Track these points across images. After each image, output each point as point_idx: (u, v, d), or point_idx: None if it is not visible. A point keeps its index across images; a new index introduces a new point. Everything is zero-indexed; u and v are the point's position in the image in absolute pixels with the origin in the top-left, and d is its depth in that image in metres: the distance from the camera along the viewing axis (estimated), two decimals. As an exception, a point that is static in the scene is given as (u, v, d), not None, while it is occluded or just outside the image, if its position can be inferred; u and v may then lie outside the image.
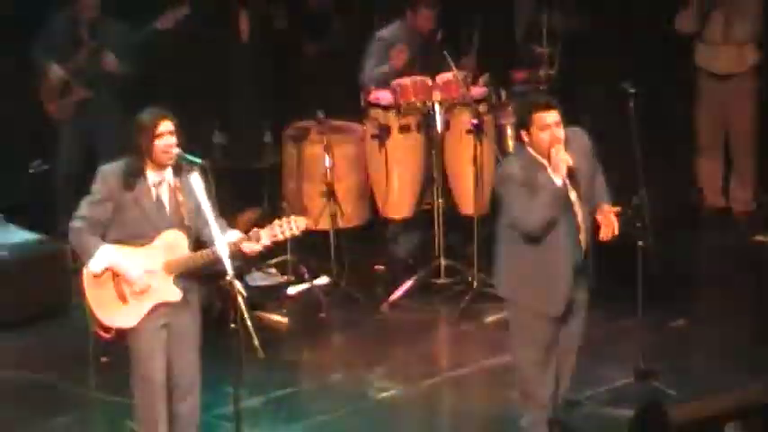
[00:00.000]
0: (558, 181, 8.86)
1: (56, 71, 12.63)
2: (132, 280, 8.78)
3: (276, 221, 8.88)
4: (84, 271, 8.87)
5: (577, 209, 9.02)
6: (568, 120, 9.06)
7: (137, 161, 8.84)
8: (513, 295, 9.36)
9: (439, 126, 12.12)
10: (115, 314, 8.89)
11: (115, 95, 12.50)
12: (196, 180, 8.79)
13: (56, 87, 12.67)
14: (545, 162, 8.91)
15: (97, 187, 8.87)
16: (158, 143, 8.76)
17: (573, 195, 8.99)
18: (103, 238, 8.79)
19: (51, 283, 11.65)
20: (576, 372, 9.53)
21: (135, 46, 12.55)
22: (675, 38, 12.82)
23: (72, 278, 10.38)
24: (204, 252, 8.73)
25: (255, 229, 8.85)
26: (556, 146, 8.86)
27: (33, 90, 12.80)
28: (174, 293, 8.86)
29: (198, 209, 8.75)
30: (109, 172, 8.89)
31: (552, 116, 8.90)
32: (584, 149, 9.13)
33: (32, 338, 11.41)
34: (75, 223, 8.84)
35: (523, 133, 9.04)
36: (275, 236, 8.87)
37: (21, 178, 13.49)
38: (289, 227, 8.86)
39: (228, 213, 9.36)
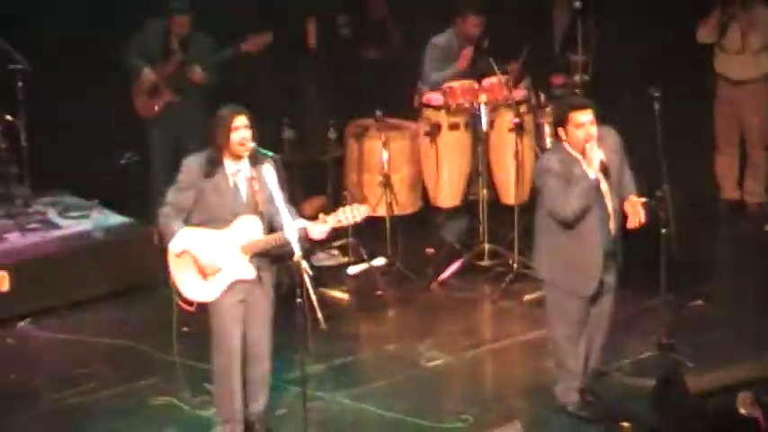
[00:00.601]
0: (592, 174, 8.91)
1: (148, 74, 12.62)
2: (202, 263, 8.88)
3: (340, 209, 8.91)
4: (170, 253, 8.98)
5: (608, 199, 9.06)
6: (601, 120, 9.12)
7: (215, 152, 8.92)
8: (551, 277, 9.41)
9: (484, 125, 12.09)
10: (196, 290, 8.97)
11: (200, 99, 12.51)
12: (269, 171, 8.87)
13: (146, 89, 12.69)
14: (580, 157, 8.96)
15: (181, 177, 8.97)
16: (234, 136, 8.84)
17: (604, 187, 9.04)
18: (188, 222, 8.89)
19: (141, 261, 11.68)
20: (605, 345, 9.62)
21: (220, 61, 12.61)
22: (697, 47, 12.78)
23: (159, 257, 10.44)
24: (276, 235, 8.77)
25: (322, 215, 8.91)
26: (590, 142, 8.91)
27: (123, 89, 12.83)
28: (249, 272, 8.92)
29: (270, 197, 8.83)
30: (191, 163, 8.99)
31: (587, 115, 8.96)
32: (615, 146, 9.17)
33: (124, 310, 11.48)
34: (163, 209, 8.96)
35: (561, 131, 9.08)
36: (339, 221, 8.91)
37: (114, 169, 13.57)
38: (351, 214, 8.89)
39: (297, 201, 9.44)
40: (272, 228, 8.89)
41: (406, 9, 13.72)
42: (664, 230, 9.85)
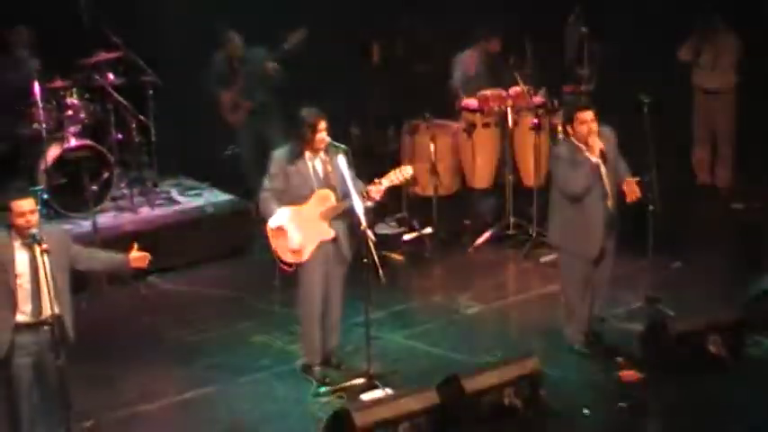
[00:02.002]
0: (594, 159, 8.92)
1: (224, 96, 12.68)
2: (290, 244, 8.89)
3: (391, 171, 8.99)
4: (268, 227, 9.01)
5: (606, 180, 9.06)
6: (601, 120, 9.12)
7: (298, 146, 8.94)
8: (562, 243, 9.40)
9: (510, 124, 12.08)
10: (291, 253, 9.01)
11: (272, 100, 12.53)
12: (341, 160, 8.90)
13: (228, 106, 12.74)
14: (583, 147, 9.00)
15: (272, 167, 9.01)
16: (318, 136, 8.88)
17: (603, 170, 9.04)
18: (281, 201, 8.93)
19: (241, 230, 11.72)
20: (605, 297, 9.60)
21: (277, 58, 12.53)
22: (678, 64, 12.72)
23: (255, 227, 10.46)
24: (344, 202, 8.83)
25: (377, 179, 8.94)
26: (592, 134, 8.93)
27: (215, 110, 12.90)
28: (328, 233, 8.97)
29: (342, 178, 8.86)
30: (279, 155, 9.03)
31: (589, 114, 9.02)
32: (611, 140, 9.20)
33: (228, 268, 11.51)
34: (262, 194, 9.01)
35: (568, 127, 9.13)
36: (391, 181, 8.97)
37: (221, 158, 13.62)
38: (401, 173, 8.99)
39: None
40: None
41: (447, 32, 13.69)
42: (650, 208, 9.80)
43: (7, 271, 7.58)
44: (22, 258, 7.61)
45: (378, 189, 8.92)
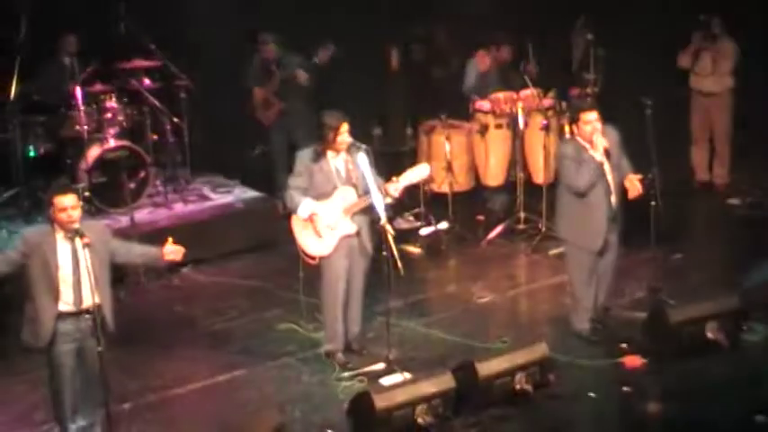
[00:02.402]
0: (598, 156, 8.91)
1: (258, 93, 12.69)
2: (326, 219, 8.90)
3: (408, 170, 9.01)
4: (294, 219, 9.03)
5: (609, 176, 9.05)
6: (606, 120, 9.11)
7: (322, 146, 8.95)
8: (568, 236, 9.39)
9: (521, 125, 12.08)
10: (315, 247, 9.03)
11: (303, 104, 12.53)
12: (362, 158, 8.90)
13: (260, 103, 12.75)
14: (588, 145, 9.00)
15: (297, 166, 9.03)
16: (339, 138, 8.88)
17: (606, 167, 9.03)
18: (305, 197, 8.94)
19: (268, 225, 11.67)
20: (610, 287, 9.58)
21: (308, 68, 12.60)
22: (677, 69, 12.70)
23: (282, 222, 10.47)
24: (365, 198, 8.82)
25: (394, 177, 8.96)
26: (596, 134, 8.91)
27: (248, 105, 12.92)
28: (351, 228, 8.98)
29: (363, 175, 8.85)
30: (303, 154, 9.05)
31: (593, 115, 9.02)
32: (615, 139, 9.20)
33: (257, 260, 11.51)
34: (288, 191, 9.03)
35: (574, 127, 9.13)
36: (409, 179, 8.97)
37: (250, 157, 13.64)
38: (418, 171, 9.02)
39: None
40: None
41: (462, 40, 13.70)
42: (653, 203, 9.76)
43: (50, 263, 7.61)
44: (64, 251, 7.64)
45: (395, 187, 8.93)
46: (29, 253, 7.63)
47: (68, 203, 7.61)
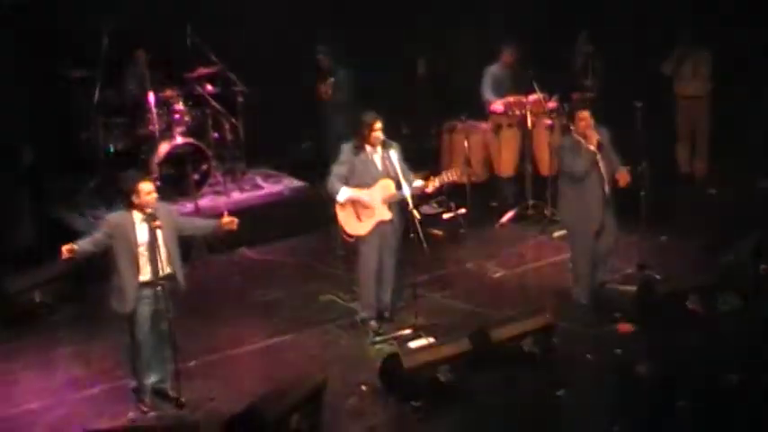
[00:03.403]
0: (591, 147, 8.92)
1: (320, 87, 12.75)
2: (365, 201, 8.93)
3: (442, 173, 9.07)
4: (336, 204, 9.05)
5: (602, 167, 9.09)
6: (601, 120, 9.15)
7: (360, 141, 8.98)
8: (569, 220, 9.42)
9: (529, 125, 12.02)
10: (353, 227, 9.06)
11: (346, 106, 12.57)
12: (394, 153, 8.94)
13: (322, 92, 12.77)
14: (582, 140, 9.05)
15: (341, 157, 9.06)
16: (374, 134, 8.91)
17: (599, 158, 9.06)
18: (346, 185, 8.96)
19: (312, 211, 11.59)
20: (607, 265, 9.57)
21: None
22: (662, 76, 12.64)
23: (324, 208, 10.48)
24: (400, 192, 8.84)
25: (431, 177, 9.02)
26: (589, 129, 8.97)
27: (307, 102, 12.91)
28: (387, 214, 9.00)
29: (395, 169, 8.89)
30: (346, 147, 9.07)
31: (587, 114, 9.15)
32: (605, 137, 9.24)
33: (302, 240, 11.51)
34: (331, 178, 9.05)
35: (571, 124, 9.18)
36: (442, 180, 9.01)
37: (297, 152, 13.65)
38: (449, 174, 9.07)
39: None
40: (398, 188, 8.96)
41: (479, 50, 13.68)
42: (642, 192, 9.79)
43: (131, 241, 7.79)
44: (141, 231, 7.85)
45: (433, 185, 8.99)
46: (112, 233, 7.81)
47: (151, 188, 7.86)
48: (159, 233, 7.79)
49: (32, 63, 11.85)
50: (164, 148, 11.62)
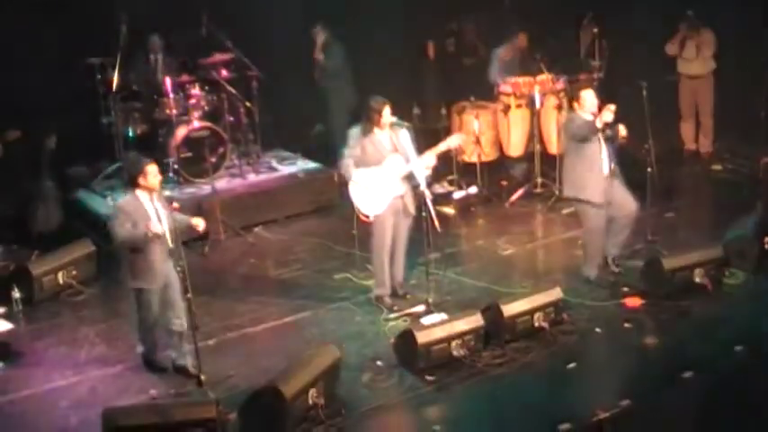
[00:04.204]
0: (598, 123, 8.88)
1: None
2: (378, 178, 8.86)
3: (442, 140, 8.99)
4: (351, 184, 9.00)
5: (604, 143, 9.02)
6: (606, 100, 9.08)
7: (369, 125, 8.91)
8: (575, 194, 9.33)
9: (537, 104, 11.99)
10: (368, 207, 9.01)
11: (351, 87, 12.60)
12: (405, 134, 8.89)
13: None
14: (584, 115, 9.05)
15: (351, 140, 9.00)
16: (383, 120, 8.85)
17: (602, 136, 9.01)
18: (358, 166, 8.91)
19: (325, 192, 11.70)
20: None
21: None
22: (666, 56, 12.56)
23: (336, 189, 10.47)
24: (410, 166, 8.78)
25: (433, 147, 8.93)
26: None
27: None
28: (401, 189, 8.94)
29: (404, 149, 8.84)
30: (356, 130, 9.00)
31: (589, 92, 9.14)
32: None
33: (316, 220, 11.50)
34: (343, 160, 8.99)
35: (575, 103, 9.23)
36: (445, 145, 8.93)
37: (310, 135, 13.65)
38: (450, 141, 9.02)
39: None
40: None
41: (488, 33, 13.63)
42: (649, 169, 9.74)
43: (142, 220, 7.84)
44: (151, 210, 7.95)
45: (431, 154, 8.87)
46: (135, 219, 7.84)
47: (156, 170, 8.02)
48: (162, 214, 7.90)
49: (53, 50, 11.85)
50: (181, 131, 11.61)
